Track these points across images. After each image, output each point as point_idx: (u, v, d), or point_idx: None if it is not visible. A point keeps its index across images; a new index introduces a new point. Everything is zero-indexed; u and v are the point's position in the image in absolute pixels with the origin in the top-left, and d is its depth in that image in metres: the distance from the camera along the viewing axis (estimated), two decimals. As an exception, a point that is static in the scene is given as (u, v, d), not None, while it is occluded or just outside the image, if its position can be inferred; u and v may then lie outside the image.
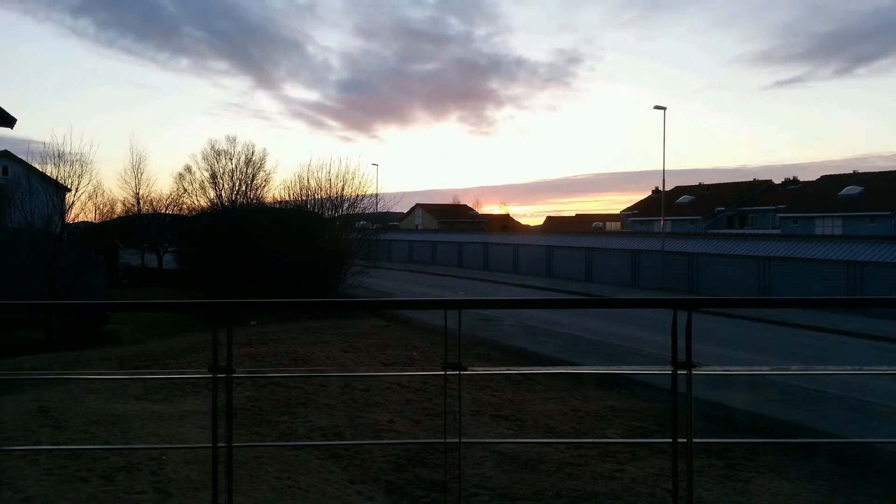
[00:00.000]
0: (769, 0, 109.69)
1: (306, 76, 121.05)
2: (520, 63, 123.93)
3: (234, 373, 2.65)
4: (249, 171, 39.63)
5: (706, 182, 74.16)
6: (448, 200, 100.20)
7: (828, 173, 61.43)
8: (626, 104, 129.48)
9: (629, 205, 79.34)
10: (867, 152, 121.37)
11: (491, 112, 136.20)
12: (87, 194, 27.00)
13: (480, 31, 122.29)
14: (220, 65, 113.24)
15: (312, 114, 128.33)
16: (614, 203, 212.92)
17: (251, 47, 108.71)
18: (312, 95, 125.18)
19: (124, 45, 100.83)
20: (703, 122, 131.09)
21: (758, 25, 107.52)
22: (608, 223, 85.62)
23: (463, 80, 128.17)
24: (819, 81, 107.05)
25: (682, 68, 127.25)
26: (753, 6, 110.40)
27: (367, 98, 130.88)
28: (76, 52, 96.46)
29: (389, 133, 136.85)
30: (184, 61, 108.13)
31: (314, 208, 30.41)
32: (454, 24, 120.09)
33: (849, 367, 16.16)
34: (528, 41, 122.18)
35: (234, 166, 39.67)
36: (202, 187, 40.70)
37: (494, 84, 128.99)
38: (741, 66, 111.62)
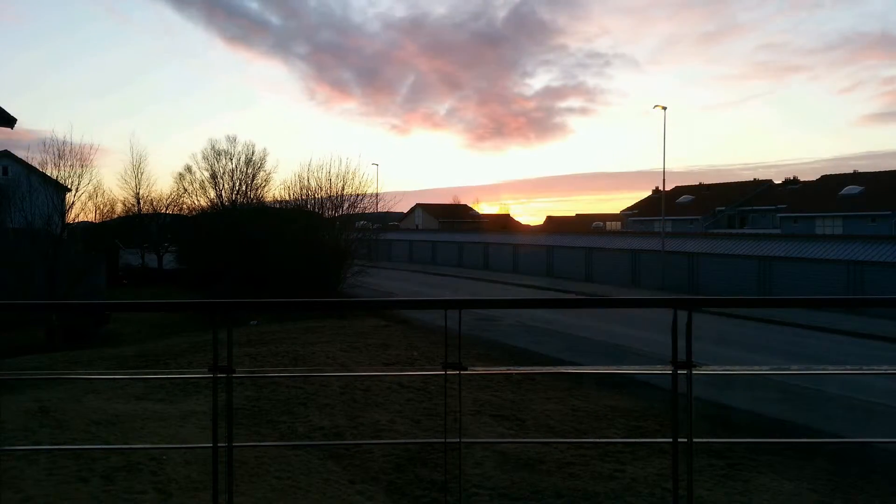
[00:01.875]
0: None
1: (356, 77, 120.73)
2: (544, 64, 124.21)
3: (234, 373, 2.65)
4: (249, 170, 39.75)
5: (706, 182, 74.27)
6: (448, 200, 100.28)
7: (828, 173, 61.54)
8: (624, 105, 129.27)
9: (629, 205, 79.38)
10: (867, 152, 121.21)
11: (511, 113, 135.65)
12: (88, 194, 27.07)
13: (520, 38, 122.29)
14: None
15: (342, 116, 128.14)
16: (614, 203, 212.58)
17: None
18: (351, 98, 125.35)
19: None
20: (703, 121, 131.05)
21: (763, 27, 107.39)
22: (608, 223, 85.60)
23: (481, 81, 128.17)
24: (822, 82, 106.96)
25: (683, 68, 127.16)
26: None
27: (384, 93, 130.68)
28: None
29: (396, 133, 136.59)
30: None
31: (314, 208, 30.42)
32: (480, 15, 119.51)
33: (849, 367, 16.13)
34: (554, 43, 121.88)
35: (234, 166, 39.80)
36: (202, 187, 40.83)
37: (517, 86, 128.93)
38: (743, 67, 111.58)
